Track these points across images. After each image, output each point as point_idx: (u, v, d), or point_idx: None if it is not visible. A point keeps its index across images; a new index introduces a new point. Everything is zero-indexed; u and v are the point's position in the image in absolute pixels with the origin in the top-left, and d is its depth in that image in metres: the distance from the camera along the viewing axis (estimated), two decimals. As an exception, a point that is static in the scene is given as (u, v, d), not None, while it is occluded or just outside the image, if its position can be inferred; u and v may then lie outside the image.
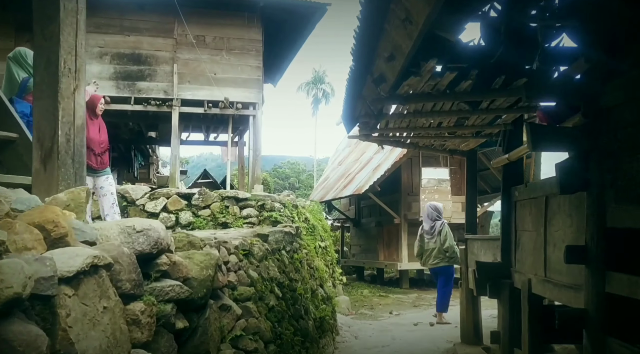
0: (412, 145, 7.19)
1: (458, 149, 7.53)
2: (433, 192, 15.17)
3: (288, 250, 5.86)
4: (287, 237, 5.87)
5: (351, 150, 21.13)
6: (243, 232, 5.20)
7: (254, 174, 12.72)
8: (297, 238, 7.31)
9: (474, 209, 7.48)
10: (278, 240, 5.38)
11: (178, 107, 12.10)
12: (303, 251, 7.32)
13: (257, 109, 12.69)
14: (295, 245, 6.57)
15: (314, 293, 6.72)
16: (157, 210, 8.73)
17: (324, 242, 11.44)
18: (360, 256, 18.92)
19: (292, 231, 5.97)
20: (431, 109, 5.45)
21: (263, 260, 4.55)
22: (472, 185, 7.58)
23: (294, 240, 6.09)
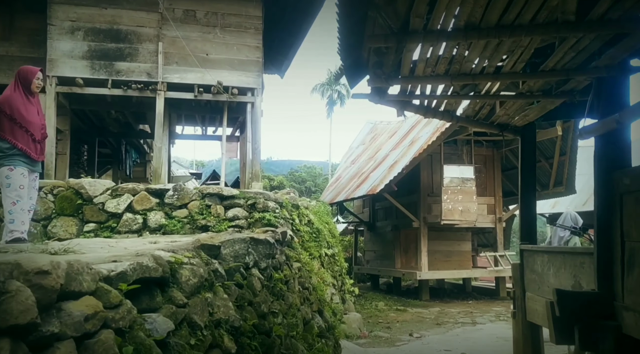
0: (447, 115, 5.12)
1: (510, 123, 5.47)
2: (456, 193, 13.08)
3: (263, 268, 3.92)
4: (263, 248, 3.93)
5: (365, 147, 19.12)
6: (181, 242, 3.28)
7: (253, 170, 10.80)
8: (283, 249, 5.35)
9: (531, 208, 5.42)
10: (239, 254, 3.41)
11: (163, 91, 10.24)
12: (293, 266, 5.39)
13: (256, 95, 10.78)
14: (279, 259, 4.63)
15: (308, 325, 4.79)
16: (119, 209, 6.86)
17: (331, 249, 9.45)
18: (375, 263, 16.86)
19: (269, 240, 4.06)
20: (484, 48, 3.48)
21: (201, 290, 2.62)
22: (528, 174, 5.53)
23: (274, 251, 4.14)
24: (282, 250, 5.14)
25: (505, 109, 5.05)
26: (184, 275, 2.57)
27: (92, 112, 12.22)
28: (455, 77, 4.02)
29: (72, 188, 6.87)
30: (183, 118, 13.22)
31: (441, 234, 14.86)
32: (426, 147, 12.00)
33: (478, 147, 14.12)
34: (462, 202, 13.03)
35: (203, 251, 3.01)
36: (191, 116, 13.13)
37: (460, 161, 13.82)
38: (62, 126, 10.82)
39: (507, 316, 10.54)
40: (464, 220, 13.09)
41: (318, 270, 8.06)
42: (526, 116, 5.15)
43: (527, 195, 5.41)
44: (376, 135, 19.29)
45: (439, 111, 5.13)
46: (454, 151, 14.17)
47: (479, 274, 14.26)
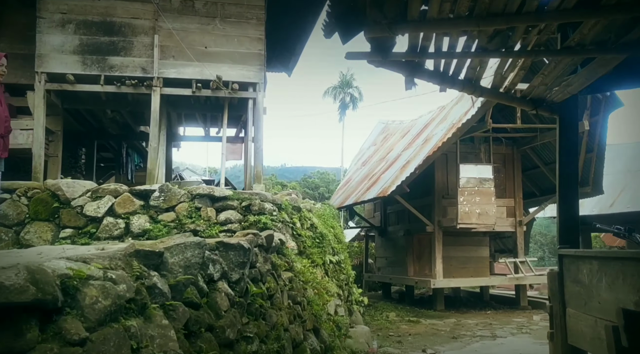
0: (468, 84, 4.27)
1: (547, 98, 4.61)
2: (473, 194, 12.25)
3: (235, 281, 3.18)
4: (235, 256, 3.18)
5: (377, 148, 18.36)
6: (112, 249, 2.57)
7: (254, 171, 10.12)
8: (268, 256, 4.62)
9: (572, 205, 4.56)
10: (191, 263, 2.62)
11: (159, 87, 9.64)
12: (283, 277, 4.67)
13: (257, 91, 10.12)
14: (261, 268, 3.88)
15: (298, 348, 4.05)
16: (99, 213, 6.23)
17: (336, 256, 8.71)
18: (387, 270, 16.05)
19: (244, 245, 3.33)
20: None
21: (119, 316, 1.87)
22: (568, 163, 4.69)
23: (252, 259, 3.35)
24: (268, 257, 4.43)
25: (543, 76, 4.18)
26: (89, 295, 1.82)
27: (88, 112, 11.68)
28: (483, 18, 3.18)
29: (48, 190, 6.24)
30: (183, 118, 12.64)
31: (457, 239, 14.03)
32: (441, 144, 11.23)
33: (497, 144, 13.29)
34: (480, 204, 12.19)
35: (137, 260, 2.26)
36: (191, 115, 12.54)
37: (478, 160, 13.00)
38: (54, 126, 10.28)
39: (530, 328, 9.69)
40: (482, 224, 12.25)
41: (321, 279, 7.33)
42: (568, 86, 4.29)
43: (567, 189, 4.58)
44: (388, 135, 18.52)
45: (458, 79, 4.27)
46: (471, 149, 13.35)
47: (498, 282, 13.38)
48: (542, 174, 14.52)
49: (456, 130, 11.19)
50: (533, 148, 13.85)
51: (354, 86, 53.69)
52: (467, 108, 11.77)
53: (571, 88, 4.29)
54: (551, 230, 47.58)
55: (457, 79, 4.29)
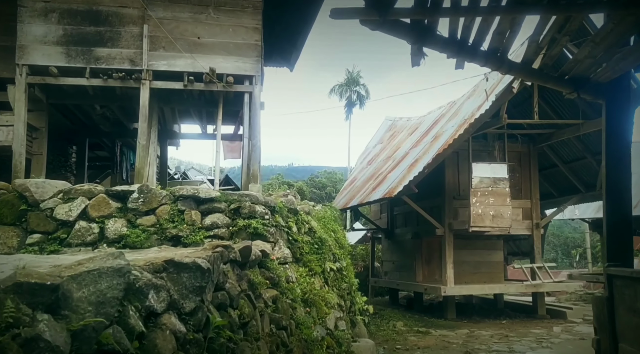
0: (492, 58, 3.45)
1: (591, 77, 3.87)
2: (487, 195, 11.60)
3: (189, 312, 2.55)
4: (190, 279, 2.50)
5: (383, 146, 17.75)
6: None
7: (250, 170, 9.58)
8: (244, 272, 4.03)
9: (624, 211, 3.83)
10: (107, 299, 1.74)
11: (149, 80, 9.14)
12: (265, 296, 4.09)
13: (254, 84, 9.58)
14: (232, 290, 3.23)
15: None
16: (71, 216, 5.70)
17: (338, 263, 8.13)
18: (394, 275, 15.43)
19: (201, 265, 2.70)
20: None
21: None
22: (617, 158, 4.01)
23: (208, 282, 2.65)
24: (243, 274, 3.85)
25: (593, 45, 3.37)
26: None
27: (76, 107, 11.19)
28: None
29: (15, 191, 5.72)
30: (178, 114, 12.09)
31: (468, 242, 13.40)
32: (452, 141, 10.61)
33: (512, 142, 12.63)
34: (494, 206, 11.55)
35: (18, 296, 1.59)
36: (186, 111, 12.01)
37: (492, 158, 12.35)
38: (38, 123, 9.80)
39: (551, 341, 9.04)
40: (496, 227, 11.61)
41: (320, 289, 6.75)
42: (621, 61, 3.51)
43: (616, 192, 3.83)
44: (395, 132, 17.90)
45: (480, 50, 3.52)
46: (484, 147, 12.70)
47: (513, 289, 12.74)
48: (561, 173, 13.84)
49: (468, 126, 10.56)
50: (551, 145, 13.18)
51: (361, 84, 53.01)
52: (481, 102, 11.13)
53: (625, 63, 3.51)
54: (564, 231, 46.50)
55: (478, 50, 3.52)
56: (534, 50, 3.62)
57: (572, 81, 3.89)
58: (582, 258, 37.03)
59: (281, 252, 6.05)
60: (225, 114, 11.81)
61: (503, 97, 10.18)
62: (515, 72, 3.90)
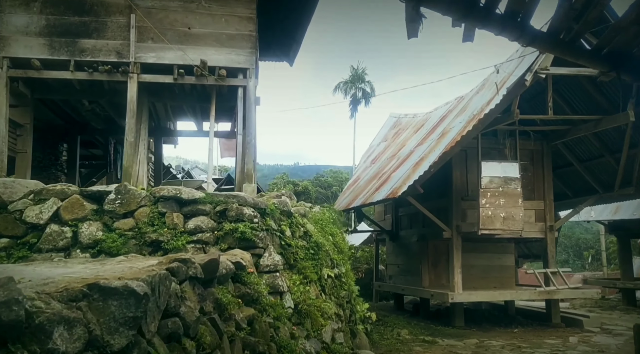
0: (510, 24, 2.83)
1: (634, 52, 3.19)
2: (497, 196, 11.10)
3: (119, 351, 2.05)
4: (120, 308, 1.92)
5: (387, 144, 17.26)
6: None
7: (245, 169, 9.15)
8: (209, 291, 3.56)
9: None
10: None
11: (136, 74, 8.75)
12: (237, 317, 3.63)
13: (248, 78, 9.16)
14: (189, 315, 2.69)
15: None
16: (42, 219, 5.30)
17: (336, 269, 7.68)
18: (399, 279, 14.95)
19: (138, 289, 2.06)
20: None
21: None
22: None
23: (145, 311, 2.11)
24: (208, 293, 3.39)
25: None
26: None
27: (64, 103, 10.82)
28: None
29: (-20, 191, 5.31)
30: (170, 110, 11.66)
31: (477, 245, 12.91)
32: (459, 138, 10.12)
33: (523, 139, 12.11)
34: (505, 207, 11.05)
35: None
36: (179, 108, 11.60)
37: (502, 157, 11.84)
38: (22, 119, 9.44)
39: (567, 353, 8.52)
40: (507, 230, 11.10)
41: (315, 299, 6.30)
42: None
43: None
44: (400, 129, 17.41)
45: (495, 14, 2.91)
46: (494, 144, 12.20)
47: (526, 296, 12.19)
48: (576, 173, 13.29)
49: (477, 121, 10.06)
50: (566, 143, 12.63)
51: (366, 81, 52.42)
52: (490, 96, 10.63)
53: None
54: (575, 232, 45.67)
55: (492, 12, 2.91)
56: (564, 15, 2.97)
57: (611, 57, 3.23)
58: (594, 259, 36.35)
59: (271, 259, 5.61)
60: (221, 110, 11.41)
61: (515, 91, 9.67)
62: (539, 43, 3.24)
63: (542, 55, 9.38)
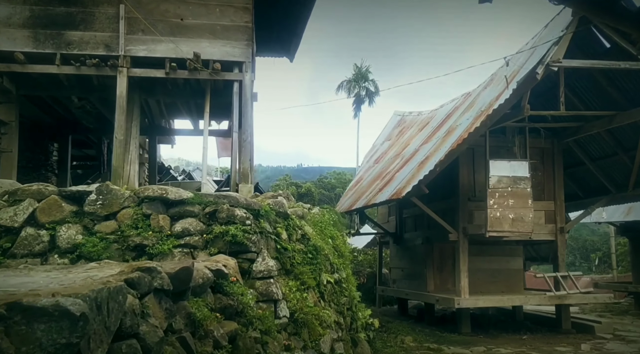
0: None
1: None
2: (506, 196, 10.70)
3: None
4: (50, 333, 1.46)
5: (391, 143, 16.87)
6: None
7: (241, 168, 8.79)
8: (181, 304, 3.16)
9: None
10: None
11: (126, 68, 8.39)
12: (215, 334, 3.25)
13: (244, 72, 8.79)
14: (149, 337, 2.28)
15: None
16: (17, 221, 4.95)
17: (337, 274, 7.30)
18: (403, 283, 14.55)
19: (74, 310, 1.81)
20: None
21: None
22: None
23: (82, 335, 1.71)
24: (178, 307, 3.02)
25: None
26: None
27: (53, 100, 10.44)
28: None
29: (-51, 191, 4.95)
30: (164, 107, 11.28)
31: (485, 248, 12.52)
32: (467, 135, 9.72)
33: (533, 137, 11.70)
34: (514, 208, 10.65)
35: None
36: (173, 105, 11.22)
37: (511, 155, 11.43)
38: (7, 117, 9.06)
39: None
40: (517, 232, 10.70)
41: (313, 306, 5.93)
42: None
43: None
44: (404, 128, 17.01)
45: None
46: (502, 143, 11.80)
47: (536, 301, 11.77)
48: (588, 172, 12.87)
49: (486, 118, 9.66)
50: (577, 141, 12.22)
51: (370, 79, 51.95)
52: (499, 91, 10.24)
53: None
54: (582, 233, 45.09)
55: None
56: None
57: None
58: (601, 262, 35.89)
59: (265, 264, 5.23)
60: (216, 107, 11.02)
61: (525, 85, 9.27)
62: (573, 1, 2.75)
63: (554, 47, 8.99)
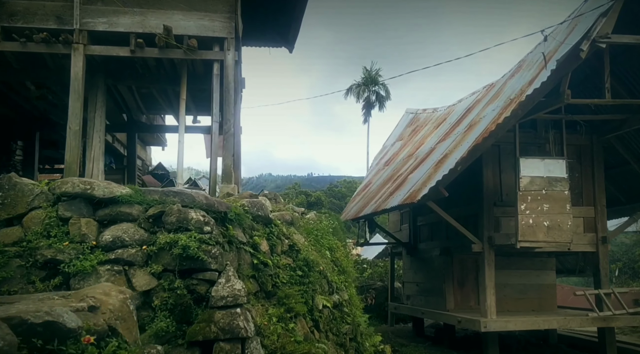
0: None
1: None
2: (540, 200, 9.22)
3: None
4: None
5: (404, 143, 15.44)
6: None
7: (223, 165, 7.43)
8: None
9: None
10: None
11: (83, 44, 7.09)
12: None
13: (225, 50, 7.46)
14: None
15: None
16: None
17: (336, 294, 5.88)
18: (418, 299, 13.05)
19: None
20: None
21: None
22: None
23: None
24: None
25: None
26: None
27: (8, 88, 9.16)
28: None
29: None
30: (139, 97, 9.97)
31: (511, 260, 11.09)
32: (494, 127, 8.30)
33: (568, 132, 10.19)
34: (550, 214, 9.16)
35: None
36: (149, 96, 9.92)
37: (543, 152, 9.97)
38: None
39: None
40: (553, 242, 9.21)
41: (303, 341, 4.51)
42: None
43: None
44: (418, 126, 15.58)
45: None
46: (533, 138, 10.35)
47: (577, 324, 10.18)
48: (631, 173, 11.31)
49: (517, 106, 8.23)
50: (620, 136, 10.68)
51: (380, 83, 50.48)
52: (532, 76, 8.81)
53: None
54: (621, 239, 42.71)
55: None
56: None
57: None
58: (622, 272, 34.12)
59: (229, 287, 3.83)
60: (199, 98, 9.75)
61: (567, 65, 7.82)
62: None
63: (602, 19, 7.55)
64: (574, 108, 10.18)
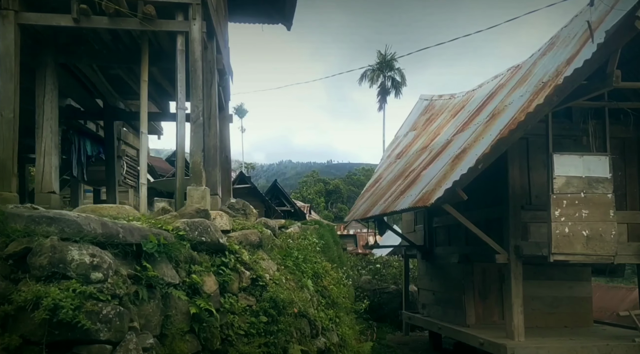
0: None
1: None
2: (578, 204, 7.73)
3: None
4: None
5: (417, 134, 13.95)
6: None
7: (193, 164, 6.10)
8: None
9: None
10: None
11: (14, 11, 5.80)
12: None
13: (191, 19, 6.08)
14: None
15: None
16: None
17: (322, 338, 4.52)
18: (435, 310, 11.69)
19: None
20: None
21: None
22: None
23: None
24: None
25: None
26: None
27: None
28: None
29: None
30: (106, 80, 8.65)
31: (540, 270, 9.73)
32: (524, 117, 6.85)
33: (612, 123, 8.61)
34: (590, 222, 7.69)
35: None
36: (118, 79, 8.60)
37: (580, 147, 8.45)
38: None
39: None
40: (594, 255, 7.73)
41: None
42: None
43: None
44: (433, 115, 14.07)
45: None
46: (567, 130, 8.83)
47: (622, 352, 8.68)
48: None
49: (552, 90, 6.74)
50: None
51: (396, 68, 48.65)
52: (570, 53, 7.30)
53: None
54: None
55: None
56: None
57: None
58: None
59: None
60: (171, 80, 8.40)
61: (617, 38, 6.29)
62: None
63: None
64: (618, 93, 8.62)
